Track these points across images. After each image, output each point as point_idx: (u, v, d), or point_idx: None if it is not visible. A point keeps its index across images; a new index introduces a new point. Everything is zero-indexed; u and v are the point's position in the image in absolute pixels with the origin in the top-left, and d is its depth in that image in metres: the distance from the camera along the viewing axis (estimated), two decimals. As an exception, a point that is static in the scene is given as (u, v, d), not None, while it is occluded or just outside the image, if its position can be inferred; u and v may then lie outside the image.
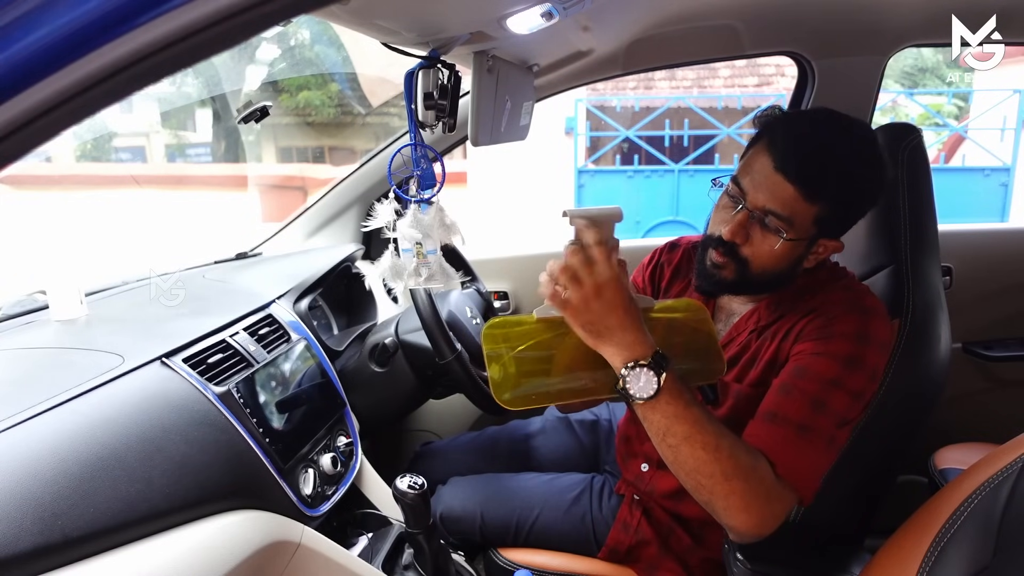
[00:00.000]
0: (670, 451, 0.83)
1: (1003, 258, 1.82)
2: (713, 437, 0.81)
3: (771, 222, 0.91)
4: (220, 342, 1.03)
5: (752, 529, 0.82)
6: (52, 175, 4.62)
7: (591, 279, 0.80)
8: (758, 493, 0.82)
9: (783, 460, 0.84)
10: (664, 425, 0.82)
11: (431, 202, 0.99)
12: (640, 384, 0.80)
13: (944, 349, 1.10)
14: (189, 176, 7.13)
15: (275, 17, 0.42)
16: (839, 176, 0.89)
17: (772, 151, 0.90)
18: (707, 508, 0.85)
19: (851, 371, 0.88)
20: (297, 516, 0.97)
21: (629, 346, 0.81)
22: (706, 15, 1.50)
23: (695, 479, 0.82)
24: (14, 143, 0.40)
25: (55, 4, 0.37)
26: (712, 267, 0.98)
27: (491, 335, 0.85)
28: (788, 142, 0.91)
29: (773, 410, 0.88)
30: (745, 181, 0.93)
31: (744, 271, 0.95)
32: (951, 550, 0.69)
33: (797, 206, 0.89)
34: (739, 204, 0.93)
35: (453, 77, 0.99)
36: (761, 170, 0.91)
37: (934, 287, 1.12)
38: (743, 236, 0.93)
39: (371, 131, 7.15)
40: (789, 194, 0.89)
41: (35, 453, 0.70)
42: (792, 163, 0.88)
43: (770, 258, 0.93)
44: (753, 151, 0.94)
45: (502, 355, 0.84)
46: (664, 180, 6.45)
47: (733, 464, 0.81)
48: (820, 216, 0.90)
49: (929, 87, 7.60)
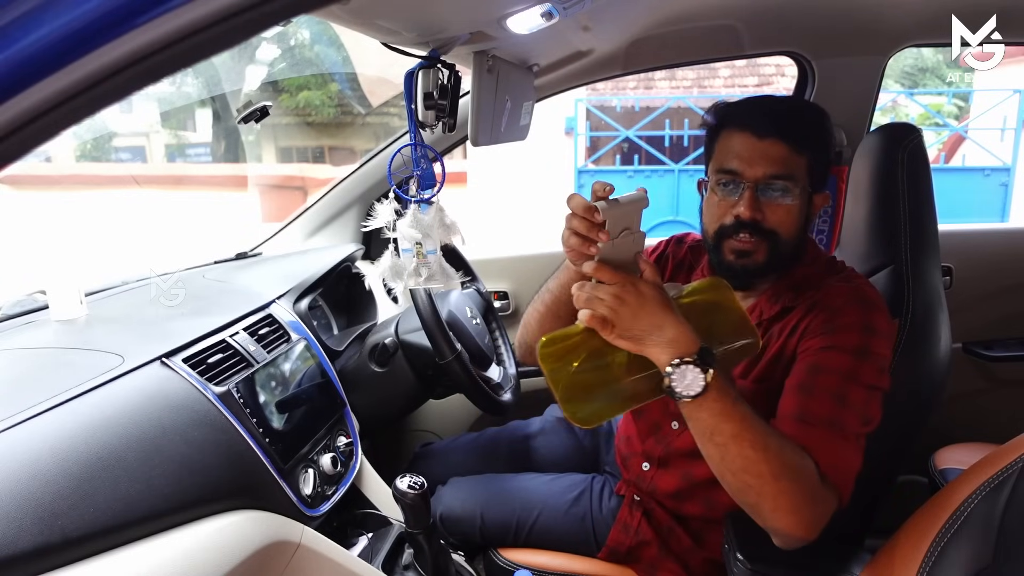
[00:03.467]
0: (717, 450, 0.80)
1: (1003, 258, 1.82)
2: (761, 436, 0.79)
3: (776, 187, 0.94)
4: (220, 342, 1.03)
5: (800, 531, 0.80)
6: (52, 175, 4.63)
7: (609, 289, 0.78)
8: (806, 494, 0.79)
9: (824, 458, 0.82)
10: (711, 424, 0.79)
11: (431, 202, 0.99)
12: (687, 382, 0.77)
13: (944, 349, 1.10)
14: (189, 176, 7.13)
15: (275, 17, 0.42)
16: (810, 124, 0.98)
17: (747, 127, 0.95)
18: (752, 511, 0.82)
19: (862, 362, 0.88)
20: (297, 516, 0.97)
21: (672, 343, 0.78)
22: (706, 15, 1.50)
23: (742, 479, 0.80)
24: (14, 143, 0.40)
25: (55, 4, 0.37)
26: (738, 257, 0.97)
27: (547, 354, 0.81)
28: (757, 113, 0.97)
29: (799, 412, 0.87)
30: (734, 164, 0.95)
31: (775, 246, 0.96)
32: (951, 550, 0.69)
33: (792, 161, 0.94)
34: (739, 186, 0.95)
35: (453, 77, 0.99)
36: (744, 146, 0.95)
37: (934, 287, 1.12)
38: (760, 211, 0.95)
39: (371, 131, 7.15)
40: (782, 153, 0.93)
41: (35, 453, 0.70)
42: (772, 126, 0.94)
43: (790, 222, 0.96)
44: (722, 139, 0.98)
45: (565, 375, 0.81)
46: (664, 180, 6.45)
47: (781, 464, 0.79)
48: (809, 166, 0.95)
49: (929, 87, 7.60)
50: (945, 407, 1.23)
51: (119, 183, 4.72)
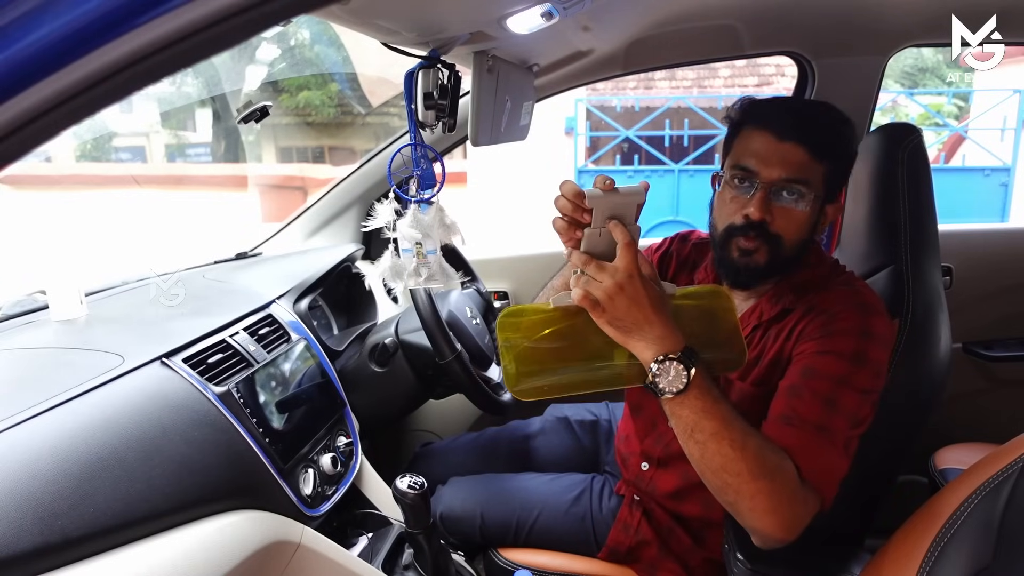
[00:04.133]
0: (697, 448, 0.81)
1: (1003, 258, 1.82)
2: (740, 435, 0.80)
3: (789, 191, 0.93)
4: (220, 342, 1.03)
5: (778, 532, 0.80)
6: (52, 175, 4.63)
7: (611, 277, 0.78)
8: (784, 494, 0.80)
9: (805, 461, 0.83)
10: (692, 420, 0.81)
11: (431, 202, 0.99)
12: (670, 378, 0.79)
13: (944, 349, 1.10)
14: (189, 176, 7.13)
15: (275, 17, 0.42)
16: (834, 133, 0.96)
17: (769, 127, 0.94)
18: (731, 510, 0.83)
19: (857, 368, 0.88)
20: (297, 516, 0.97)
21: (658, 340, 0.79)
22: (706, 15, 1.50)
23: (721, 478, 0.81)
24: (14, 143, 0.40)
25: (55, 4, 0.37)
26: (742, 256, 0.97)
27: (507, 323, 0.82)
28: (781, 114, 0.96)
29: (787, 413, 0.87)
30: (751, 162, 0.94)
31: (777, 249, 0.95)
32: (951, 550, 0.69)
33: (809, 167, 0.93)
34: (752, 185, 0.94)
35: (453, 77, 0.99)
36: (764, 145, 0.93)
37: (934, 287, 1.12)
38: (769, 213, 0.94)
39: (371, 131, 7.15)
40: (800, 158, 0.92)
41: (35, 453, 0.70)
42: (794, 130, 0.93)
43: (797, 228, 0.95)
44: (742, 136, 0.97)
45: (517, 344, 0.81)
46: (664, 180, 6.45)
47: (760, 463, 0.79)
48: (826, 175, 0.94)
49: (929, 87, 7.60)
50: (945, 407, 1.23)
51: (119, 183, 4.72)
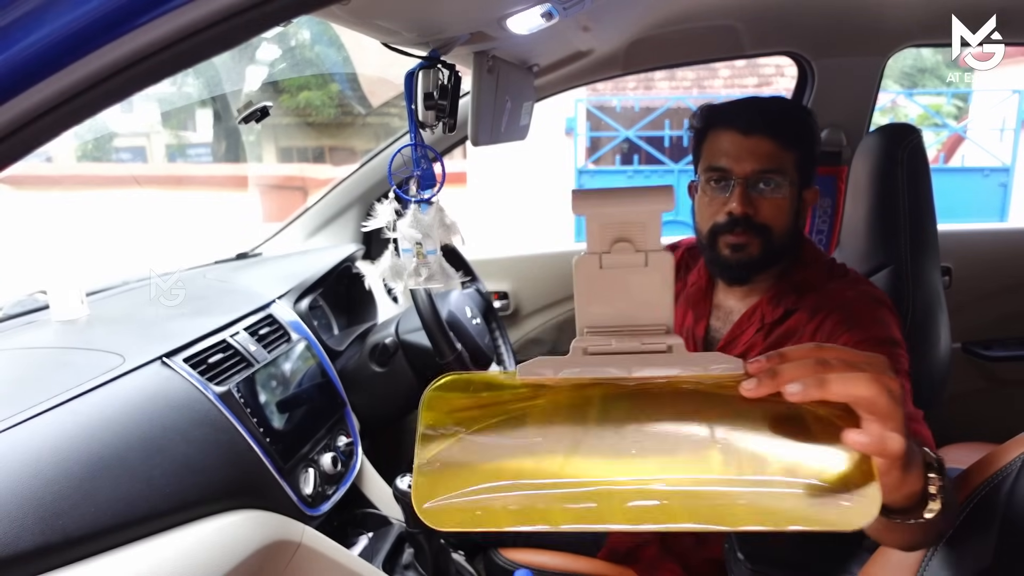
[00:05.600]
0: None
1: (1003, 258, 1.82)
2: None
3: (766, 181, 0.96)
4: (220, 342, 1.03)
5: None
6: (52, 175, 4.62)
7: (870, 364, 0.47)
8: None
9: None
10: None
11: (431, 202, 0.99)
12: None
13: (944, 349, 1.10)
14: (189, 176, 7.13)
15: (275, 17, 0.42)
16: (796, 122, 1.00)
17: (734, 125, 0.97)
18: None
19: (894, 350, 0.89)
20: (297, 516, 0.97)
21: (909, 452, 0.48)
22: (706, 15, 1.50)
23: None
24: (15, 143, 0.40)
25: (55, 4, 0.37)
26: (732, 252, 0.99)
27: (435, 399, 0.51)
28: (744, 112, 0.99)
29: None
30: (723, 161, 0.97)
31: (768, 240, 0.98)
32: (951, 550, 0.69)
33: (779, 157, 0.96)
34: (729, 183, 0.97)
35: (453, 77, 0.99)
36: (733, 143, 0.97)
37: (934, 287, 1.12)
38: (751, 206, 0.96)
39: (371, 131, 7.13)
40: (769, 149, 0.96)
41: (36, 453, 0.70)
42: (759, 124, 0.96)
43: (782, 215, 0.97)
44: (709, 140, 1.00)
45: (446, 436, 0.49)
46: (664, 180, 6.45)
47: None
48: (797, 162, 0.98)
49: (929, 87, 7.59)
50: (945, 407, 1.23)
51: (120, 183, 4.72)
